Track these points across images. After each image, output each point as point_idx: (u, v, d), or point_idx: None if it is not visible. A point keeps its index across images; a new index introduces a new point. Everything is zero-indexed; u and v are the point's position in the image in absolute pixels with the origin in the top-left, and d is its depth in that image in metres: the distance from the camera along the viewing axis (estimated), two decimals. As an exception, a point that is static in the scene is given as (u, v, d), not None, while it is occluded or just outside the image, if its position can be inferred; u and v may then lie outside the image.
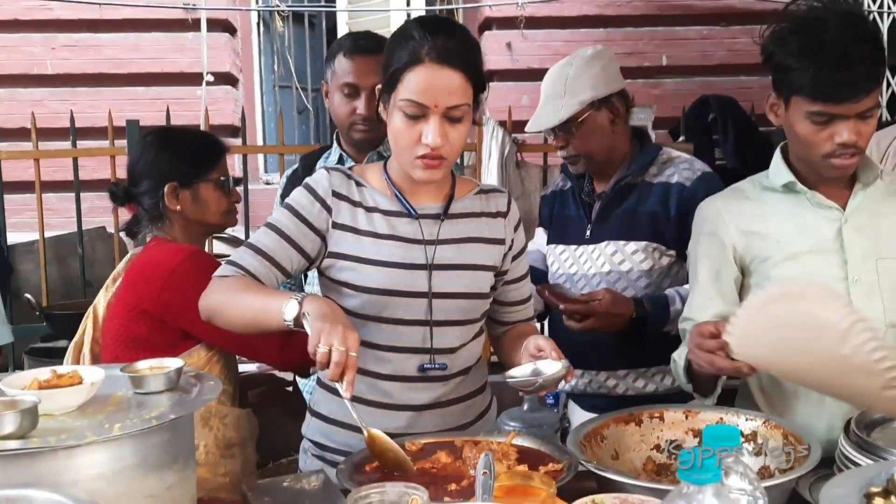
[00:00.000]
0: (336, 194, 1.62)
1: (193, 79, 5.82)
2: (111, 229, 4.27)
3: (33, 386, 1.30)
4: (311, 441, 1.72)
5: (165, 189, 1.96)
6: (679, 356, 1.71)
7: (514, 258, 1.73)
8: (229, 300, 1.50)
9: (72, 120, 4.06)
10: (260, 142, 6.32)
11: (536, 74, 2.21)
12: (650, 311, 2.02)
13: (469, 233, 1.66)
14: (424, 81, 1.48)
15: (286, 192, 2.11)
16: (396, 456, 1.39)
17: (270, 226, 1.61)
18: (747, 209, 1.75)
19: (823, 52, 1.53)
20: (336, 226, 1.61)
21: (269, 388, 2.26)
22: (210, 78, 5.78)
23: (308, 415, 1.74)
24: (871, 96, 1.57)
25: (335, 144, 2.43)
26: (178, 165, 1.98)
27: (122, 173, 4.02)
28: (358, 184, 1.65)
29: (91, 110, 5.37)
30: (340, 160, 2.41)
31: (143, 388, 1.38)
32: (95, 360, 2.01)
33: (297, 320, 1.38)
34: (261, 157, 6.33)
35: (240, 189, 2.40)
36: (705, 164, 2.18)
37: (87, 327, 2.03)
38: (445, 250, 1.62)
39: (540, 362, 1.50)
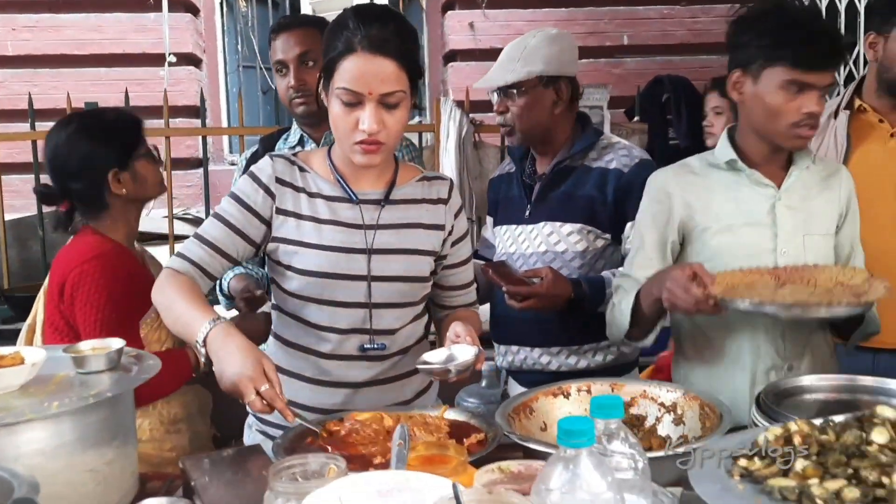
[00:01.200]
0: (279, 181, 1.67)
1: (156, 60, 5.79)
2: (72, 212, 4.28)
3: (-24, 367, 1.35)
4: (255, 417, 1.79)
5: (109, 177, 1.96)
6: (621, 301, 1.86)
7: (454, 244, 1.78)
8: (168, 306, 1.57)
9: (30, 102, 4.05)
10: (224, 122, 6.31)
11: (498, 54, 2.26)
12: (588, 292, 2.09)
13: (409, 218, 1.72)
14: (358, 69, 1.54)
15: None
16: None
17: (217, 216, 1.67)
18: (693, 182, 1.89)
19: (800, 26, 1.73)
20: (279, 211, 1.66)
21: (246, 314, 2.21)
22: (172, 59, 5.76)
23: None
24: (835, 72, 1.78)
25: (295, 125, 2.48)
26: (113, 151, 1.97)
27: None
28: (301, 170, 1.70)
29: (53, 91, 5.33)
30: (301, 140, 2.45)
31: (84, 367, 1.44)
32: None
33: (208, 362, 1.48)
34: (225, 137, 6.32)
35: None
36: (643, 152, 2.25)
37: (38, 310, 2.06)
38: (385, 235, 1.68)
39: (455, 347, 1.56)
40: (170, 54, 5.76)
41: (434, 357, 1.57)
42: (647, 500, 0.95)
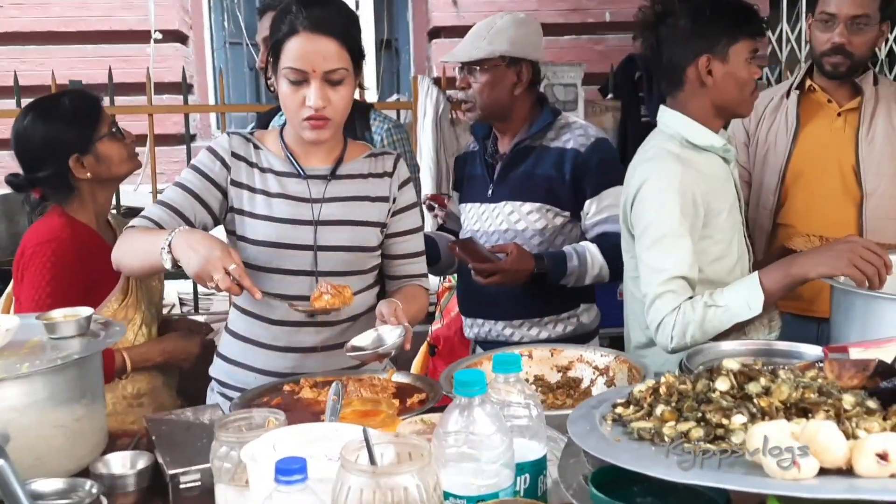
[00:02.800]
0: (235, 155, 1.80)
1: (142, 36, 5.85)
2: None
3: (-47, 332, 1.47)
4: (216, 380, 1.92)
5: (70, 163, 2.00)
6: (717, 300, 1.78)
7: (396, 213, 1.89)
8: (128, 249, 1.70)
9: (15, 79, 4.14)
10: (211, 99, 6.38)
11: None
12: (549, 266, 2.19)
13: (355, 192, 1.83)
14: (301, 49, 1.66)
15: None
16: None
17: (177, 183, 1.80)
18: (696, 168, 1.91)
19: (738, 4, 1.93)
20: (234, 183, 1.79)
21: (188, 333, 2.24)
22: (158, 35, 5.81)
23: (215, 356, 1.93)
24: None
25: None
26: (71, 135, 1.99)
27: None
28: (256, 147, 1.83)
29: (39, 68, 5.40)
30: None
31: (56, 333, 1.56)
32: None
33: (175, 264, 1.57)
34: (212, 114, 6.40)
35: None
36: (599, 130, 2.35)
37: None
38: (331, 207, 1.80)
39: (381, 328, 1.65)
40: (155, 31, 5.82)
41: (362, 341, 1.65)
42: (540, 444, 1.07)
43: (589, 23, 6.25)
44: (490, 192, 2.35)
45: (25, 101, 4.21)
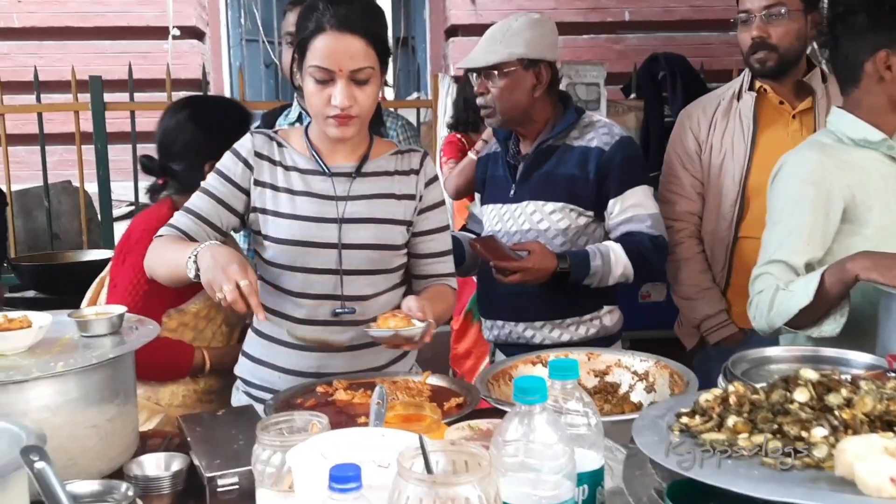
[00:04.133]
0: (258, 154, 1.77)
1: (159, 33, 5.85)
2: (76, 183, 4.37)
3: (-14, 329, 1.45)
4: (241, 379, 1.89)
5: (205, 168, 2.00)
6: (789, 285, 1.79)
7: (423, 211, 1.86)
8: (158, 257, 1.69)
9: (35, 75, 4.13)
10: (227, 96, 6.37)
11: None
12: (572, 265, 2.14)
13: (381, 189, 1.80)
14: (327, 48, 1.63)
15: None
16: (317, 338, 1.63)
17: (203, 189, 1.78)
18: (843, 160, 1.87)
19: None
20: (257, 182, 1.77)
21: None
22: (176, 32, 5.81)
23: (240, 356, 1.91)
24: None
25: (295, 101, 2.53)
26: (214, 143, 1.98)
27: (86, 127, 4.15)
28: (280, 145, 1.80)
29: (57, 64, 5.40)
30: (300, 117, 2.52)
31: (88, 331, 1.53)
32: None
33: (197, 274, 1.56)
34: (229, 110, 6.39)
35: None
36: (623, 129, 2.30)
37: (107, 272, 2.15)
38: (356, 205, 1.77)
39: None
40: (173, 27, 5.82)
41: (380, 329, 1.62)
42: (598, 454, 1.04)
43: (608, 22, 6.22)
44: (512, 192, 2.31)
45: (45, 97, 4.26)
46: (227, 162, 1.78)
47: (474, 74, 2.29)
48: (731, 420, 0.92)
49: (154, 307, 1.90)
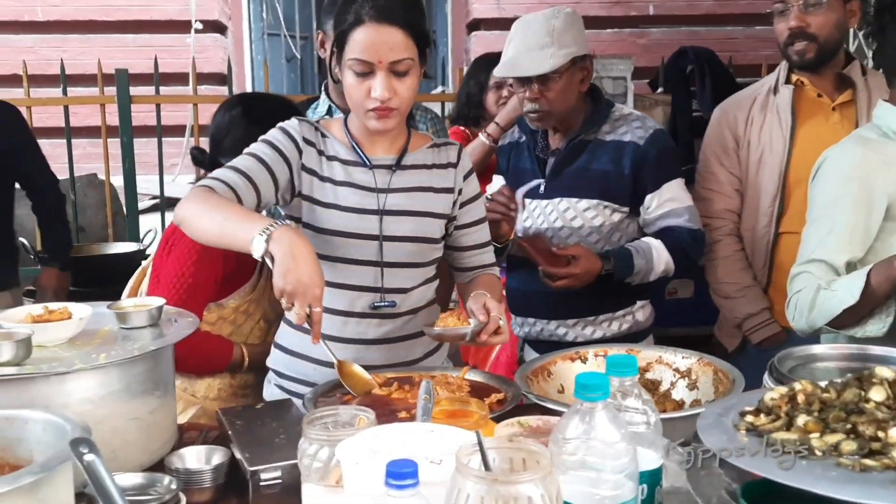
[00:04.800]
0: (306, 140, 1.76)
1: (182, 26, 5.85)
2: (102, 176, 4.38)
3: (27, 320, 1.44)
4: (274, 371, 1.88)
5: None
6: (831, 284, 1.75)
7: (463, 205, 1.84)
8: (205, 211, 1.55)
9: (62, 68, 4.14)
10: (249, 90, 6.37)
11: None
12: (616, 266, 2.11)
13: (420, 182, 1.79)
14: (367, 40, 1.61)
15: None
16: (362, 378, 1.56)
17: (249, 153, 1.72)
18: (888, 156, 1.81)
19: None
20: (305, 168, 1.74)
21: None
22: (199, 26, 5.81)
23: (272, 347, 1.89)
24: None
25: (323, 95, 2.51)
26: None
27: (112, 120, 4.15)
28: (323, 135, 1.79)
29: (81, 57, 5.42)
30: (329, 111, 2.49)
31: (127, 323, 1.52)
32: None
33: (263, 257, 1.46)
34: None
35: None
36: (656, 122, 2.26)
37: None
38: (396, 198, 1.75)
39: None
40: (196, 21, 5.82)
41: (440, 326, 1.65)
42: (657, 453, 1.01)
43: (632, 16, 6.17)
44: (542, 188, 2.28)
45: (72, 90, 4.27)
46: (276, 134, 1.74)
47: (514, 80, 2.23)
48: (802, 419, 0.90)
49: (196, 301, 1.89)
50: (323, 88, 2.49)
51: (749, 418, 0.95)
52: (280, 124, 1.77)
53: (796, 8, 2.26)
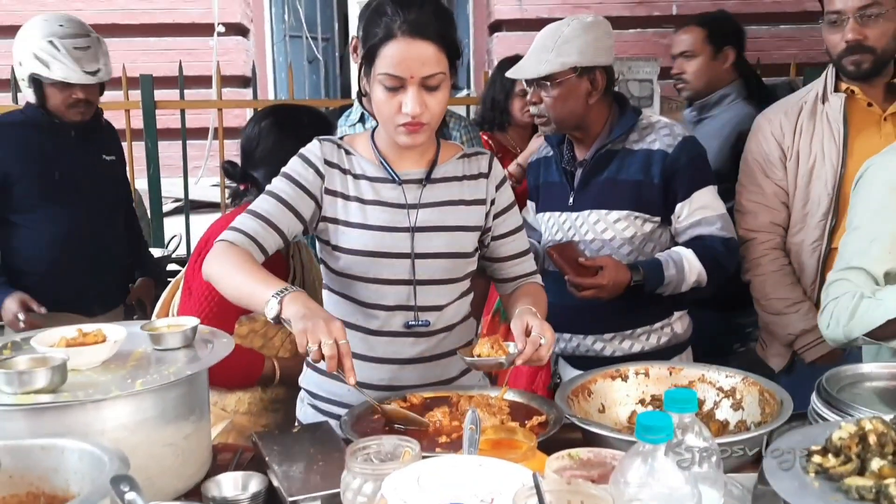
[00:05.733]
0: (328, 162, 1.72)
1: (205, 29, 5.85)
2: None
3: (61, 344, 1.42)
4: (307, 391, 1.85)
5: None
6: (876, 293, 1.71)
7: (498, 215, 1.80)
8: (226, 273, 1.58)
9: (86, 73, 4.12)
10: (271, 93, 6.37)
11: (545, 24, 2.22)
12: (646, 277, 2.07)
13: (451, 196, 1.75)
14: (399, 55, 1.57)
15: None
16: (407, 418, 1.51)
17: (269, 192, 1.70)
18: None
19: None
20: (328, 191, 1.71)
21: None
22: (221, 28, 5.81)
23: (304, 366, 1.86)
24: None
25: (356, 102, 2.48)
26: (295, 152, 1.91)
27: (136, 124, 4.15)
28: (347, 152, 1.74)
29: (104, 61, 5.42)
30: (362, 118, 2.46)
31: (161, 344, 1.50)
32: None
33: (277, 319, 1.46)
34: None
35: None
36: (685, 128, 2.21)
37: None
38: (427, 213, 1.71)
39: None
40: (218, 24, 5.81)
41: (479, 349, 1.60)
42: (719, 492, 0.97)
43: (655, 16, 6.10)
44: (571, 200, 2.23)
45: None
46: (295, 167, 1.72)
47: (524, 81, 2.21)
48: (876, 463, 0.85)
49: (228, 314, 1.87)
50: (356, 96, 2.46)
51: (817, 459, 0.91)
52: (301, 150, 1.74)
53: (852, 20, 2.18)
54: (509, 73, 2.24)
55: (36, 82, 2.67)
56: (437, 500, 1.00)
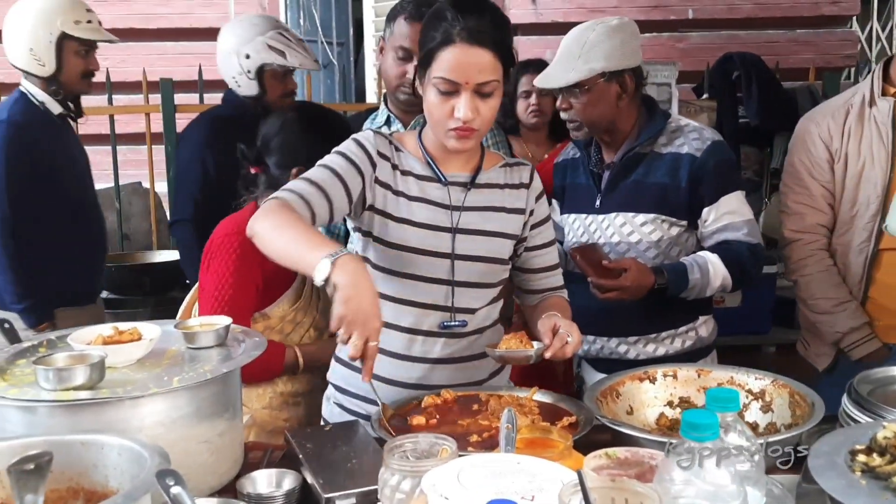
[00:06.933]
0: (380, 154, 1.73)
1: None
2: (146, 184, 4.40)
3: (98, 341, 1.43)
4: (334, 386, 1.85)
5: (293, 171, 1.99)
6: None
7: (534, 226, 1.82)
8: (275, 231, 1.52)
9: (107, 77, 4.16)
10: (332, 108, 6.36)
11: (560, 28, 2.22)
12: (670, 281, 2.07)
13: (493, 202, 1.76)
14: (456, 60, 1.58)
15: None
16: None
17: (321, 164, 1.69)
18: None
19: None
20: (377, 181, 1.72)
21: None
22: (237, 32, 5.82)
23: (333, 361, 1.87)
24: None
25: (383, 105, 2.49)
26: (309, 151, 1.93)
27: (156, 128, 4.17)
28: (397, 148, 1.76)
29: (123, 65, 5.43)
30: (388, 121, 2.48)
31: (194, 343, 1.51)
32: None
33: (325, 282, 1.42)
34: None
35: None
36: (714, 132, 2.20)
37: None
38: (470, 216, 1.73)
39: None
40: (235, 28, 5.82)
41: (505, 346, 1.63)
42: (761, 492, 0.97)
43: (671, 20, 6.07)
44: (598, 202, 2.24)
45: (116, 97, 4.29)
46: (350, 146, 1.72)
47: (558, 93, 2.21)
48: (924, 462, 0.85)
49: (240, 312, 1.88)
50: (382, 99, 2.47)
51: (862, 458, 0.91)
52: (355, 136, 1.75)
53: None
54: (537, 82, 2.23)
55: (258, 74, 2.89)
56: (478, 496, 1.01)
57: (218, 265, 1.96)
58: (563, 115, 2.22)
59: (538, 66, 3.52)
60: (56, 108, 2.82)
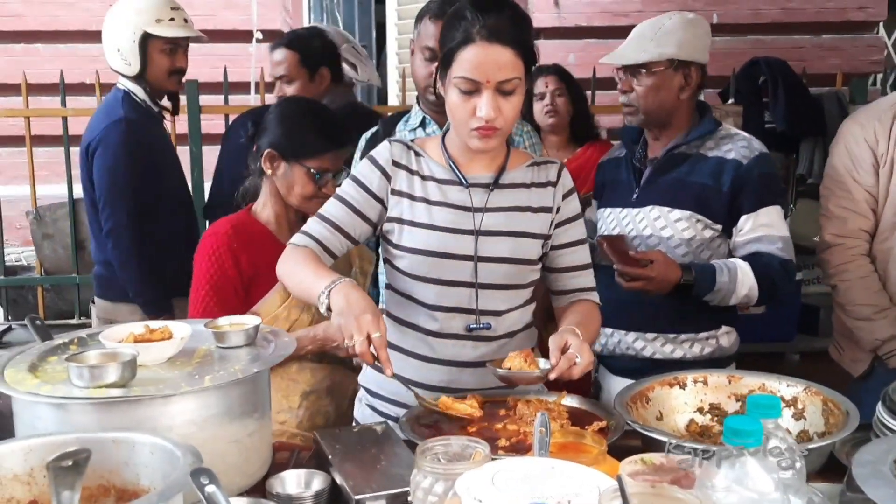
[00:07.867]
0: (395, 163, 1.74)
1: (244, 36, 5.89)
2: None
3: (129, 339, 1.44)
4: (366, 389, 1.86)
5: (265, 153, 2.04)
6: None
7: (560, 224, 1.79)
8: (290, 272, 1.68)
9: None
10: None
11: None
12: (697, 278, 2.05)
13: (517, 202, 1.75)
14: (476, 59, 1.58)
15: (365, 152, 2.20)
16: (450, 408, 1.56)
17: (338, 196, 1.76)
18: None
19: None
20: (394, 192, 1.73)
21: None
22: (259, 35, 5.84)
23: (364, 364, 1.86)
24: None
25: (416, 106, 2.49)
26: (282, 139, 2.04)
27: (181, 129, 4.20)
28: (417, 154, 1.77)
29: (147, 67, 5.49)
30: (423, 122, 2.47)
31: (224, 342, 1.51)
32: None
33: (329, 309, 1.54)
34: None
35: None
36: (763, 145, 2.19)
37: None
38: (493, 217, 1.72)
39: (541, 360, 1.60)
40: (257, 31, 5.85)
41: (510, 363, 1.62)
42: (802, 501, 0.96)
43: (695, 25, 6.04)
44: (635, 195, 2.23)
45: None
46: (363, 170, 1.75)
47: (618, 71, 2.21)
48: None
49: (220, 314, 1.85)
50: (416, 100, 2.46)
51: (908, 467, 0.89)
52: (371, 152, 1.78)
53: None
54: (605, 59, 2.26)
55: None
56: (513, 500, 1.00)
57: (198, 272, 1.99)
58: (621, 98, 2.23)
59: (554, 69, 3.53)
60: (154, 106, 2.92)
